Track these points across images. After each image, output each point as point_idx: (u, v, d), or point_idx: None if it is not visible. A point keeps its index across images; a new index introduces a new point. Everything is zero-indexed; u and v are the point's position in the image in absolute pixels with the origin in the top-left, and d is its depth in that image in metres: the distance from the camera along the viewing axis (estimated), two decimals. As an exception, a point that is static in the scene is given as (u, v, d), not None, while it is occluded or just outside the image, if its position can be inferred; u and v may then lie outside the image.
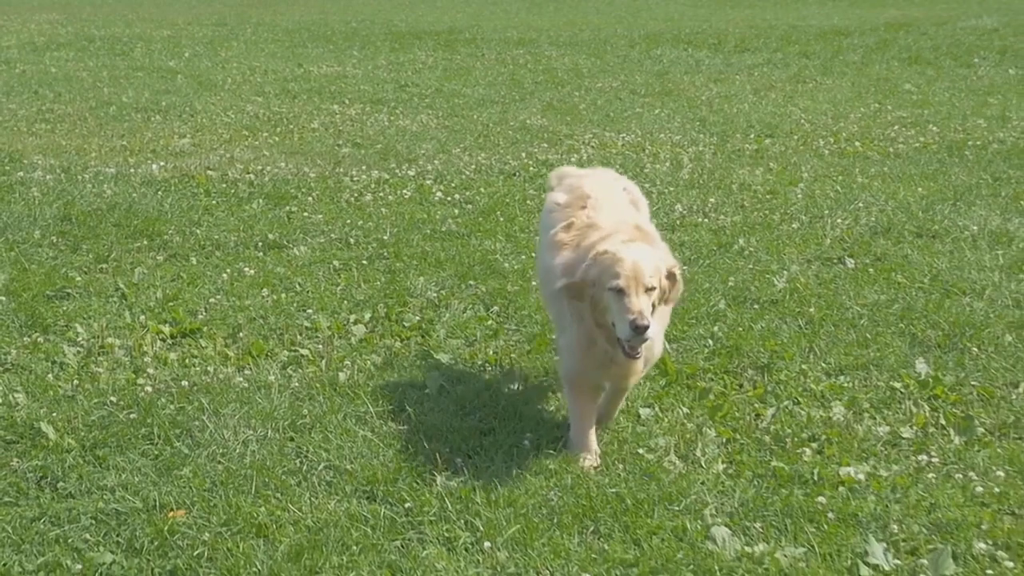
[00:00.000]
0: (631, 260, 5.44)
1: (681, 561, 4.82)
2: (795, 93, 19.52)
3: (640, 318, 5.31)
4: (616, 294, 5.40)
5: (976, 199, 11.19)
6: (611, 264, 5.46)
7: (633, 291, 5.38)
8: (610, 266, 5.46)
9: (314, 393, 6.54)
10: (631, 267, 5.41)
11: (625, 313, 5.36)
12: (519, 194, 11.68)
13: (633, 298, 5.37)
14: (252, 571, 4.72)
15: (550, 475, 5.60)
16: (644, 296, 5.40)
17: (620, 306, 5.39)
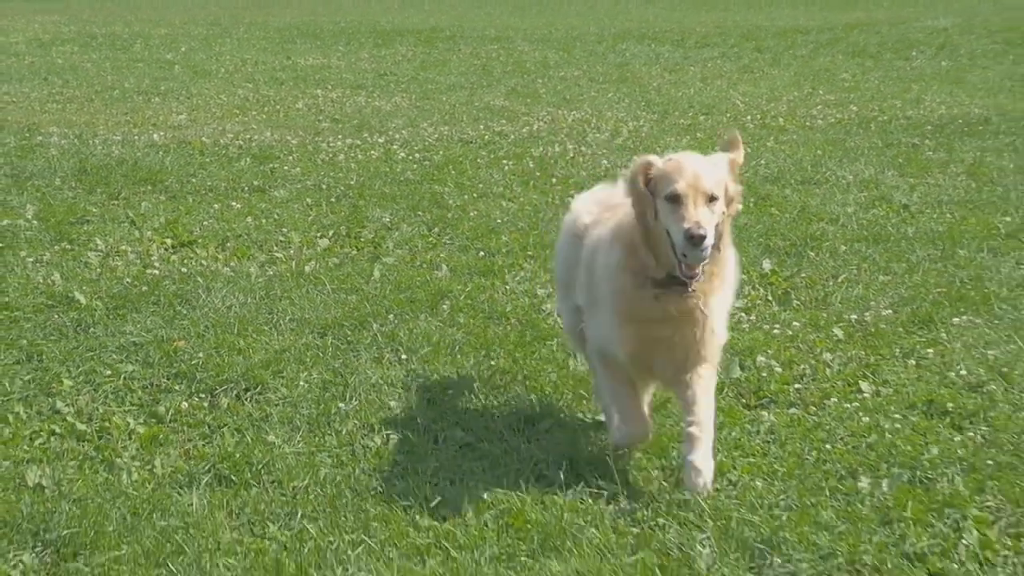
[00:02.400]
0: (692, 167, 4.94)
1: (551, 375, 6.70)
2: (740, 81, 21.43)
3: (696, 227, 4.77)
4: (672, 203, 4.90)
5: (861, 157, 13.09)
6: (671, 170, 4.95)
7: (691, 200, 4.85)
8: (670, 172, 4.95)
9: (285, 278, 8.42)
10: (691, 175, 4.90)
11: (680, 222, 4.83)
12: (472, 155, 13.56)
13: (690, 207, 4.84)
14: (234, 373, 6.58)
15: (459, 326, 7.48)
16: (704, 207, 4.88)
17: (676, 215, 4.87)
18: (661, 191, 4.97)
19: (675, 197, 4.90)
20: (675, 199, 4.90)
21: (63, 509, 4.98)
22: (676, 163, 5.02)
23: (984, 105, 17.37)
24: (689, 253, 4.86)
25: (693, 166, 4.98)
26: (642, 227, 5.07)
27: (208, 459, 5.55)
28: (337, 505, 5.09)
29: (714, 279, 5.12)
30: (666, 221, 4.95)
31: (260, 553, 4.69)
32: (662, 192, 4.96)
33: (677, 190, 4.89)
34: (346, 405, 6.16)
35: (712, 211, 4.93)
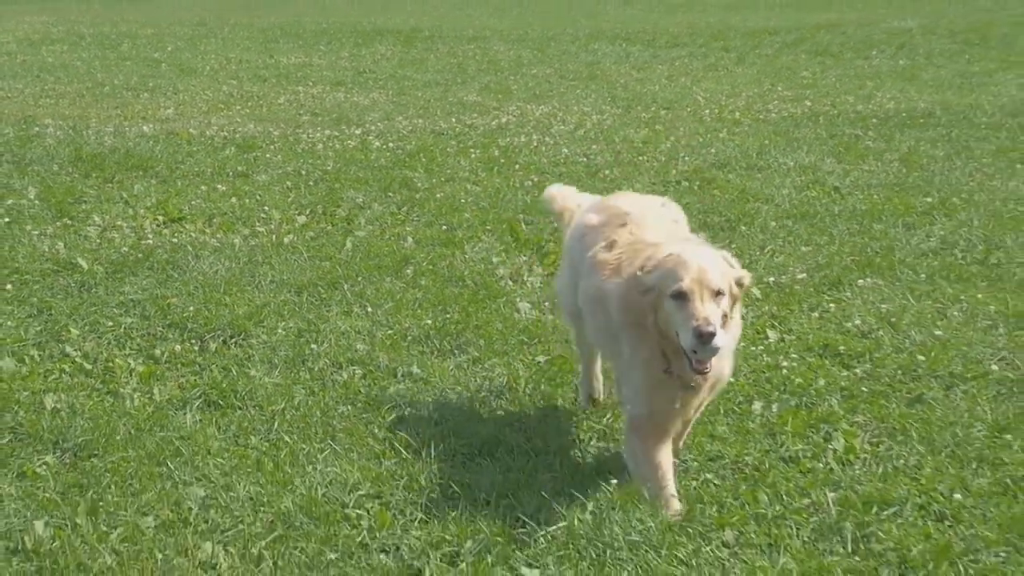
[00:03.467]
0: (696, 262, 4.87)
1: (498, 324, 7.66)
2: (704, 78, 22.41)
3: (705, 324, 4.70)
4: (679, 301, 4.83)
5: (804, 146, 14.07)
6: (674, 267, 4.88)
7: (697, 296, 4.79)
8: (673, 269, 4.88)
9: (266, 248, 9.39)
10: (696, 270, 4.83)
11: (689, 320, 4.76)
12: (442, 145, 14.52)
13: (697, 303, 4.77)
14: (220, 322, 7.53)
15: (420, 287, 8.45)
16: (711, 302, 4.82)
17: (684, 314, 4.80)
18: (666, 289, 4.87)
19: (681, 295, 4.81)
20: (681, 296, 4.82)
21: (77, 424, 5.93)
22: (678, 258, 4.92)
23: (931, 100, 18.35)
24: (699, 350, 4.76)
25: (696, 261, 4.88)
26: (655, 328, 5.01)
27: (199, 388, 6.51)
28: (309, 422, 6.05)
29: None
30: (673, 320, 4.87)
31: (244, 456, 5.65)
32: (667, 290, 4.86)
33: (683, 288, 4.80)
34: (318, 347, 7.11)
35: (718, 306, 4.84)
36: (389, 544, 4.81)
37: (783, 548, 4.65)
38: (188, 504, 5.14)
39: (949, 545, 4.72)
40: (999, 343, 7.12)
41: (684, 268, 4.85)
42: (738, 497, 5.18)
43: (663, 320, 4.93)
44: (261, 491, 5.26)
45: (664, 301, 4.88)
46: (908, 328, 7.42)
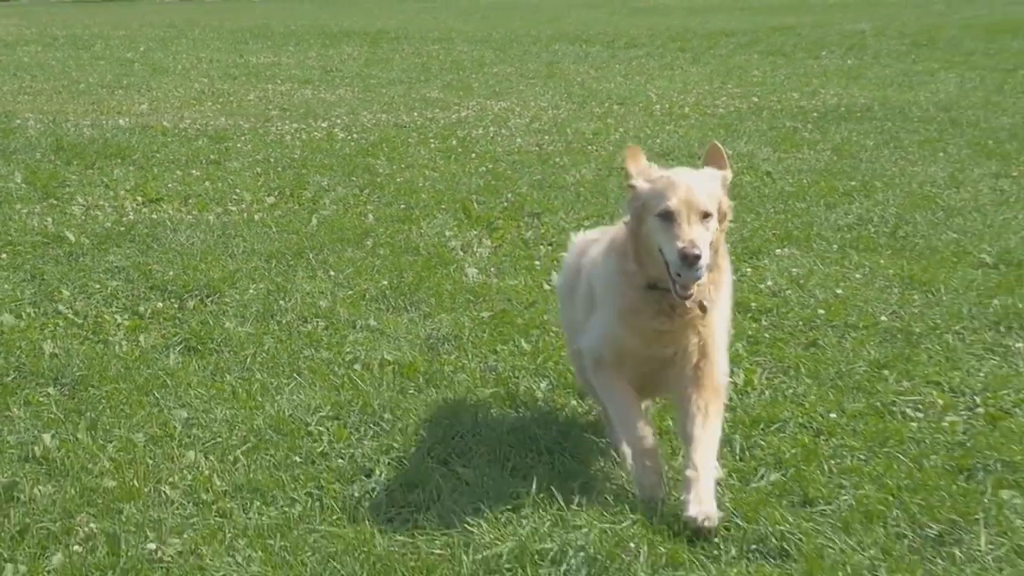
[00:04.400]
0: (684, 183, 4.76)
1: (448, 287, 8.54)
2: (658, 76, 23.37)
3: (690, 246, 4.57)
4: (664, 220, 4.69)
5: (744, 137, 15.02)
6: (663, 187, 4.76)
7: (684, 217, 4.65)
8: (661, 189, 4.75)
9: (238, 224, 10.25)
10: (684, 190, 4.71)
11: (674, 240, 4.62)
12: (404, 136, 15.41)
13: (684, 225, 4.64)
14: (197, 284, 8.38)
15: (379, 256, 9.33)
16: (698, 224, 4.68)
17: (669, 233, 4.66)
18: (653, 207, 4.74)
19: (668, 214, 4.68)
20: (668, 216, 4.68)
21: (74, 364, 6.78)
22: (668, 179, 4.80)
23: (871, 97, 19.35)
24: (684, 273, 4.63)
25: (686, 181, 4.77)
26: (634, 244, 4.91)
27: (179, 336, 7.37)
28: (277, 362, 6.92)
29: (711, 291, 4.95)
30: (658, 239, 4.74)
31: (220, 388, 6.51)
32: (654, 209, 4.74)
33: (670, 207, 4.67)
34: (285, 303, 7.98)
35: (706, 228, 4.71)
36: (345, 453, 5.67)
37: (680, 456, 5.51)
38: (173, 423, 5.98)
39: (818, 450, 5.62)
40: (892, 300, 8.03)
41: (672, 188, 4.71)
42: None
43: (647, 236, 4.79)
44: (236, 414, 6.11)
45: (649, 218, 4.75)
46: (813, 288, 8.32)
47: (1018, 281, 8.34)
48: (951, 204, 10.91)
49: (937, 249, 9.32)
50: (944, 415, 6.12)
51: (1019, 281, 8.34)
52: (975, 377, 6.65)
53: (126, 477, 5.34)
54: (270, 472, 5.44)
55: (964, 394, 6.41)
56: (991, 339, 7.27)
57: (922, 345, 7.15)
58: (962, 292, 8.14)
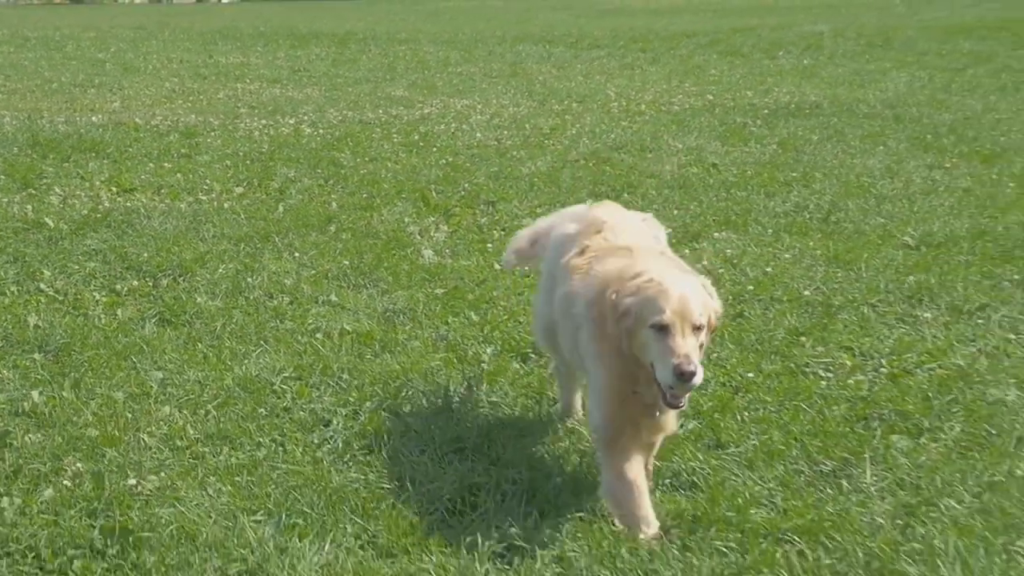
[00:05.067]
0: (678, 293, 4.61)
1: (405, 267, 9.15)
2: (618, 76, 24.02)
3: (686, 363, 4.47)
4: (658, 332, 4.57)
5: (695, 132, 15.68)
6: (654, 296, 4.61)
7: (679, 330, 4.54)
8: (653, 298, 4.61)
9: (208, 211, 10.85)
10: (678, 301, 4.58)
11: (669, 356, 4.51)
12: (368, 132, 16.01)
13: (678, 338, 4.53)
14: (170, 265, 8.98)
15: (341, 240, 9.94)
16: (691, 336, 4.58)
17: (662, 347, 4.55)
18: (645, 318, 4.62)
19: (662, 327, 4.56)
20: (662, 329, 4.57)
21: (57, 333, 7.37)
22: (659, 286, 4.66)
23: (822, 94, 20.03)
24: (677, 387, 4.55)
25: (678, 291, 4.64)
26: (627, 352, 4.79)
27: (154, 309, 7.96)
28: (245, 332, 7.52)
29: None
30: (650, 352, 4.64)
31: (193, 353, 7.11)
32: (646, 320, 4.61)
33: (664, 320, 4.55)
34: (253, 280, 8.59)
35: (697, 339, 4.62)
36: (306, 407, 6.28)
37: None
38: (150, 383, 6.59)
39: (734, 403, 6.26)
40: (817, 277, 8.68)
41: (665, 298, 4.56)
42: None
43: (638, 347, 4.67)
44: (207, 375, 6.72)
45: (642, 330, 4.62)
46: (745, 267, 8.97)
47: (935, 260, 8.99)
48: (883, 192, 11.56)
49: (864, 232, 9.97)
50: (852, 375, 6.77)
51: (936, 260, 8.99)
52: (884, 343, 7.29)
53: (108, 428, 5.93)
54: (238, 423, 6.05)
55: (872, 357, 7.06)
56: (902, 310, 7.91)
57: (839, 316, 7.79)
58: (882, 270, 8.78)
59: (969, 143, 14.42)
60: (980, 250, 9.30)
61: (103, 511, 5.06)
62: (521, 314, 7.80)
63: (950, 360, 6.94)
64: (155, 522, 4.94)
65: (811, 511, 4.99)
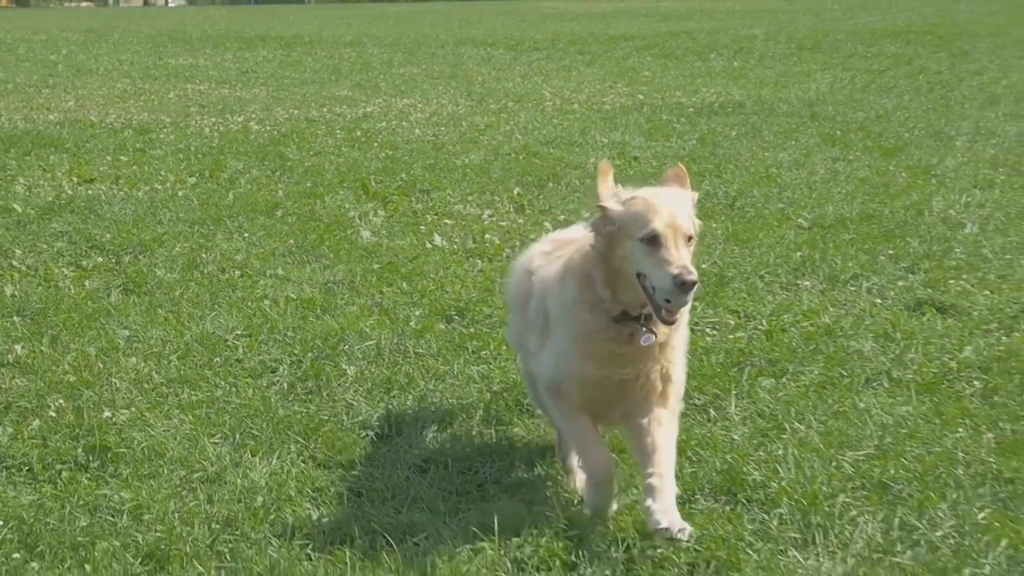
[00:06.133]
0: (668, 205, 4.53)
1: (347, 246, 10.11)
2: (555, 77, 25.05)
3: (686, 272, 4.38)
4: (649, 245, 4.44)
5: (620, 128, 16.72)
6: (643, 209, 4.53)
7: (671, 240, 4.44)
8: (642, 212, 4.51)
9: (164, 198, 11.78)
10: (668, 213, 4.49)
11: (666, 266, 4.38)
12: (313, 129, 16.97)
13: (673, 249, 4.42)
14: (131, 244, 9.91)
15: (287, 223, 10.89)
16: (684, 248, 4.50)
17: (657, 258, 4.41)
18: (634, 232, 4.51)
19: (654, 239, 4.44)
20: (654, 241, 4.45)
21: (32, 300, 8.30)
22: (647, 201, 4.57)
23: (746, 94, 21.14)
24: (675, 299, 4.44)
25: (668, 204, 4.55)
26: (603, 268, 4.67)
27: (118, 281, 8.90)
28: (200, 299, 8.47)
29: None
30: (641, 264, 4.50)
31: (154, 316, 8.05)
32: (635, 233, 4.50)
33: (656, 230, 4.45)
34: (207, 256, 9.54)
35: (689, 251, 4.56)
36: (256, 357, 7.24)
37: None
38: (118, 340, 7.52)
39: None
40: (715, 253, 9.69)
41: (654, 211, 4.48)
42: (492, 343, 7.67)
43: (622, 261, 4.56)
44: (168, 333, 7.67)
45: (628, 243, 4.51)
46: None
47: (822, 239, 10.04)
48: (787, 182, 12.63)
49: (764, 216, 11.02)
50: (734, 332, 7.79)
51: (823, 239, 10.04)
52: (766, 306, 8.32)
53: (83, 374, 6.88)
54: (197, 370, 7.01)
55: (754, 318, 8.08)
56: (787, 280, 8.95)
57: (731, 285, 8.81)
58: (773, 247, 9.82)
59: (875, 138, 15.48)
60: (864, 230, 10.31)
61: (84, 435, 5.98)
62: (448, 284, 8.77)
63: (820, 319, 7.95)
64: (129, 442, 5.88)
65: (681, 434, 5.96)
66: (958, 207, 11.16)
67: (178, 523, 5.10)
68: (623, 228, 4.57)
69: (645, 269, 4.49)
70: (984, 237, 10.04)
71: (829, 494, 5.31)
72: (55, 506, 5.26)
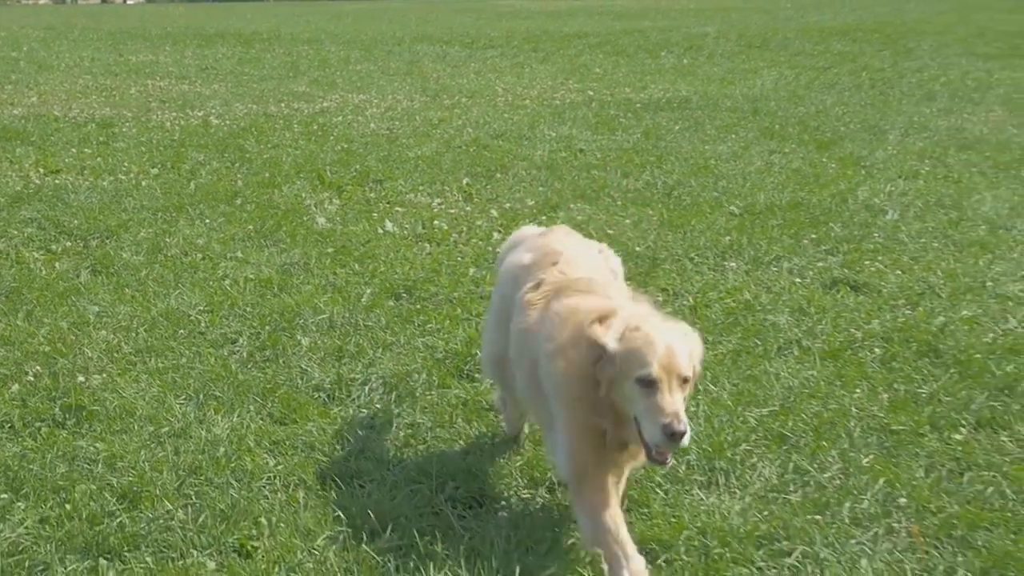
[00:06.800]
0: (664, 344, 4.36)
1: (303, 230, 10.70)
2: (508, 73, 25.65)
3: (676, 422, 4.22)
4: (644, 387, 4.31)
5: (569, 122, 17.35)
6: (640, 347, 4.36)
7: (666, 385, 4.30)
8: (639, 350, 4.35)
9: (128, 188, 12.33)
10: (665, 353, 4.33)
11: (657, 415, 4.27)
12: (272, 123, 17.51)
13: (666, 395, 4.28)
14: (97, 230, 10.47)
15: (246, 211, 11.47)
16: (678, 391, 4.33)
17: (649, 403, 4.29)
18: (630, 371, 4.36)
19: (649, 382, 4.31)
20: (649, 384, 4.31)
21: (6, 280, 8.85)
22: (646, 337, 4.40)
23: (693, 91, 21.81)
24: (664, 446, 4.31)
25: (665, 342, 4.39)
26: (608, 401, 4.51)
27: (87, 263, 9.45)
28: (165, 279, 9.04)
29: None
30: (635, 406, 4.38)
31: (122, 294, 8.62)
32: (631, 372, 4.35)
33: (652, 375, 4.30)
34: (171, 240, 10.11)
35: (683, 393, 4.38)
36: (217, 330, 7.83)
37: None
38: (88, 315, 8.08)
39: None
40: (649, 237, 10.33)
41: (651, 350, 4.33)
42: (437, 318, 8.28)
43: (621, 398, 4.43)
44: (135, 309, 8.24)
45: (626, 382, 4.37)
46: (591, 229, 10.60)
47: (751, 224, 10.70)
48: (724, 172, 13.28)
49: (699, 203, 11.67)
50: (663, 308, 8.40)
51: (752, 225, 10.70)
52: (694, 285, 8.95)
53: (57, 345, 7.45)
54: (163, 341, 7.59)
55: (681, 295, 8.72)
56: (714, 262, 9.59)
57: (663, 266, 9.45)
58: (704, 231, 10.47)
59: (811, 132, 16.17)
60: (791, 217, 10.97)
61: (60, 397, 6.57)
62: (398, 265, 9.37)
63: (742, 296, 8.60)
64: (102, 403, 6.47)
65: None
66: (882, 196, 11.82)
67: (148, 470, 5.69)
68: (622, 367, 4.39)
69: (638, 413, 4.36)
70: (903, 223, 10.69)
71: (733, 443, 5.96)
72: (37, 456, 5.84)
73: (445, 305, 8.35)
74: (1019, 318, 8.07)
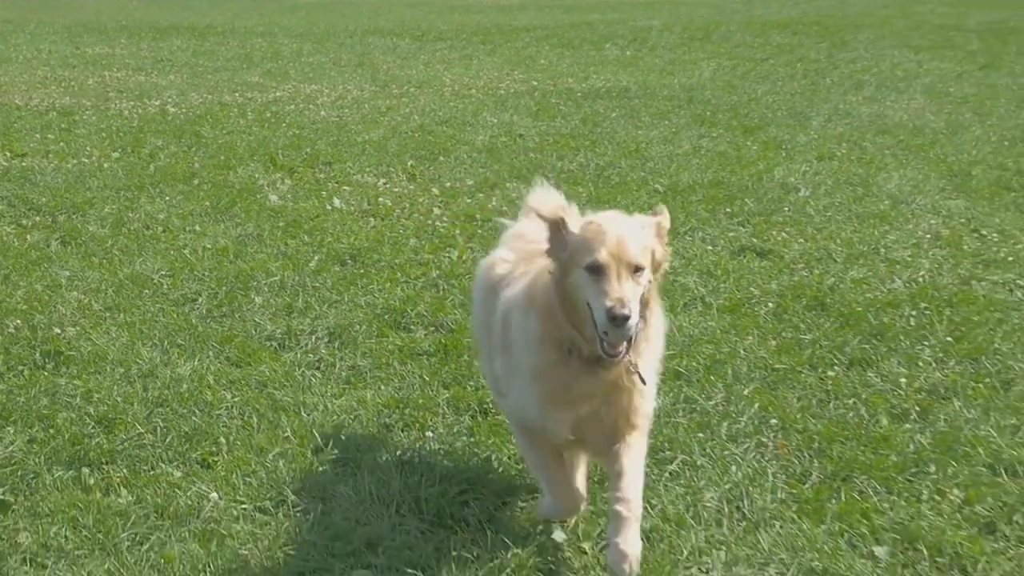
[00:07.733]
0: (615, 233, 4.41)
1: (254, 208, 11.53)
2: (456, 65, 26.44)
3: (619, 305, 4.24)
4: (593, 274, 4.36)
5: (510, 110, 18.23)
6: (591, 236, 4.42)
7: (614, 272, 4.32)
8: (589, 239, 4.41)
9: (92, 170, 13.11)
10: (614, 242, 4.36)
11: (602, 298, 4.29)
12: (226, 111, 18.29)
13: (613, 281, 4.31)
14: (65, 206, 11.27)
15: (204, 190, 12.29)
16: (628, 279, 4.34)
17: (597, 289, 4.33)
18: (580, 260, 4.41)
19: (596, 268, 4.35)
20: (596, 270, 4.35)
21: (-17, 250, 9.67)
22: (597, 227, 4.46)
23: (633, 81, 22.67)
24: (611, 332, 4.32)
25: (616, 231, 4.43)
26: (559, 295, 4.53)
27: (56, 235, 10.26)
28: (129, 249, 9.86)
29: (640, 344, 4.62)
30: (586, 293, 4.40)
31: (91, 262, 9.43)
32: (581, 261, 4.40)
33: (598, 260, 4.34)
34: (133, 215, 10.92)
35: (637, 283, 4.39)
36: (178, 292, 8.66)
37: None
38: (60, 279, 8.90)
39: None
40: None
41: (601, 239, 4.37)
42: (379, 280, 9.14)
43: (573, 289, 4.46)
44: (103, 275, 9.06)
45: (576, 270, 4.42)
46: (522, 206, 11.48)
47: (673, 200, 11.60)
48: (653, 155, 14.19)
49: (627, 182, 12.56)
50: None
51: (674, 200, 11.60)
52: (614, 252, 9.83)
53: (34, 304, 8.27)
54: (130, 300, 8.43)
55: (603, 261, 9.59)
56: (635, 232, 10.46)
57: (587, 236, 10.32)
58: (628, 207, 11.28)
59: (740, 119, 17.10)
60: (711, 194, 11.89)
61: (40, 345, 7.41)
62: (344, 237, 10.21)
63: (656, 261, 9.48)
64: (78, 349, 7.32)
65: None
66: (796, 175, 12.76)
67: (121, 402, 6.55)
68: (573, 255, 4.44)
69: (589, 299, 4.38)
70: (812, 198, 11.64)
71: (633, 378, 6.84)
72: (22, 392, 6.68)
73: (387, 270, 9.19)
74: (905, 279, 8.99)
